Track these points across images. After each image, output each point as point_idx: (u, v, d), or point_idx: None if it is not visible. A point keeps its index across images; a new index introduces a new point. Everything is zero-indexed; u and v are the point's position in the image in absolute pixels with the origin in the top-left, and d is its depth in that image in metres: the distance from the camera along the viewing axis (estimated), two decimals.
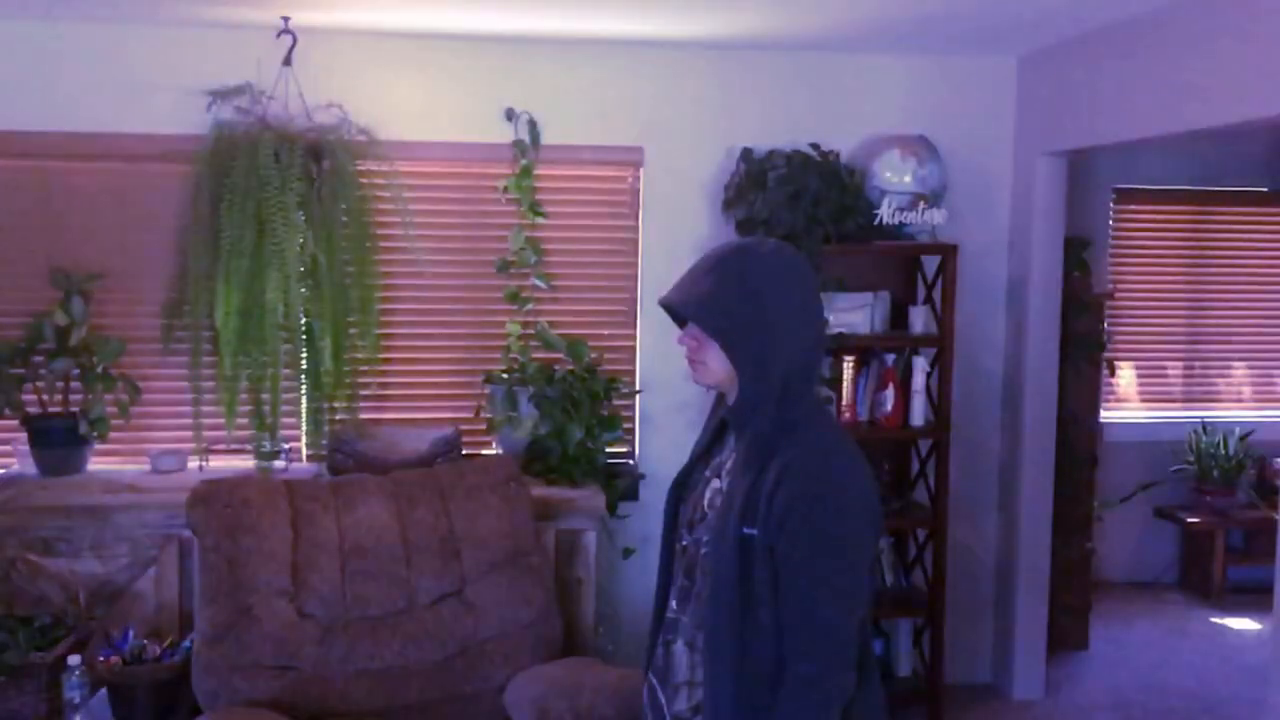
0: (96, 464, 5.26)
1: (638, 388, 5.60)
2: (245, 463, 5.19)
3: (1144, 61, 4.83)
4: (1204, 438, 7.59)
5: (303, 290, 4.96)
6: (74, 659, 4.03)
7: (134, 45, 5.20)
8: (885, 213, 5.32)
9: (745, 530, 2.46)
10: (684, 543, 2.72)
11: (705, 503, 2.68)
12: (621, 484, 5.46)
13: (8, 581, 4.53)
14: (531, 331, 5.51)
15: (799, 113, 5.66)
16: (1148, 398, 7.85)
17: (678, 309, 2.61)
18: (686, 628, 2.67)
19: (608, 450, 5.38)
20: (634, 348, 5.66)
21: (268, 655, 4.09)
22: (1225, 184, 7.64)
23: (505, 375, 5.33)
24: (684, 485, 2.79)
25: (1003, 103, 5.87)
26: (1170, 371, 7.86)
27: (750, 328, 2.51)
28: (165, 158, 5.15)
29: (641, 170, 5.63)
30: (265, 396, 5.01)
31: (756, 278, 2.53)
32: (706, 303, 2.54)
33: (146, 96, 5.19)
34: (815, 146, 5.47)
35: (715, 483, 2.67)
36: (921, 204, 5.35)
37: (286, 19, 4.96)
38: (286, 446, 5.27)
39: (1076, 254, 6.28)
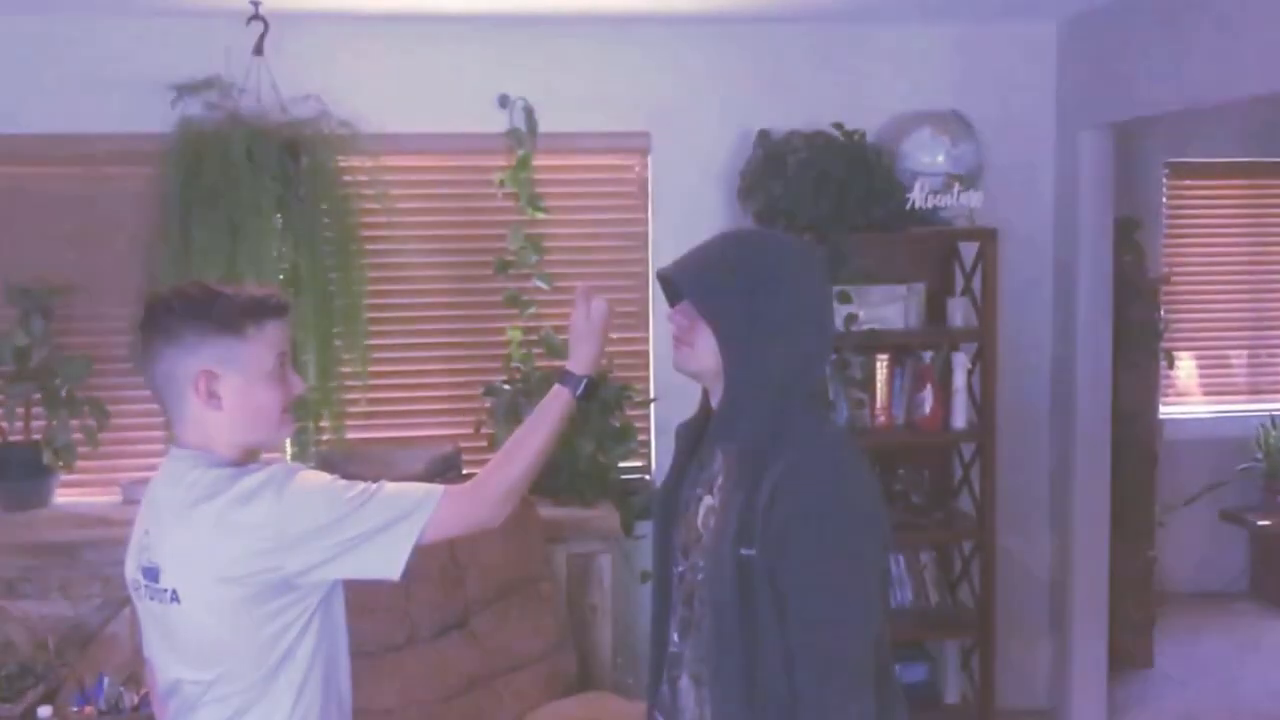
0: (63, 496, 5.26)
1: (652, 396, 5.62)
2: None
3: (1196, 23, 4.80)
4: (1274, 432, 7.55)
5: None
6: (44, 710, 4.02)
7: (90, 38, 5.20)
8: (917, 197, 5.30)
9: (742, 552, 2.42)
10: (680, 569, 2.70)
11: (699, 522, 2.64)
12: (637, 502, 5.42)
13: None
14: (534, 338, 5.48)
15: (820, 90, 5.64)
16: (1210, 390, 7.83)
17: (674, 282, 2.60)
18: (690, 661, 2.65)
19: (621, 465, 5.37)
20: (647, 352, 5.68)
21: None
22: None
23: (507, 386, 5.33)
24: (671, 503, 2.76)
25: (1042, 72, 5.85)
26: (1234, 360, 7.83)
27: (750, 317, 2.49)
28: (129, 159, 5.15)
29: (648, 158, 5.62)
30: None
31: (766, 266, 2.52)
32: (706, 280, 2.53)
33: (105, 94, 5.18)
34: (839, 127, 5.44)
35: (708, 499, 2.64)
36: (956, 186, 5.33)
37: (257, 4, 4.94)
38: None
39: (1128, 235, 6.27)
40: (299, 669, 2.56)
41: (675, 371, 2.67)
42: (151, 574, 2.55)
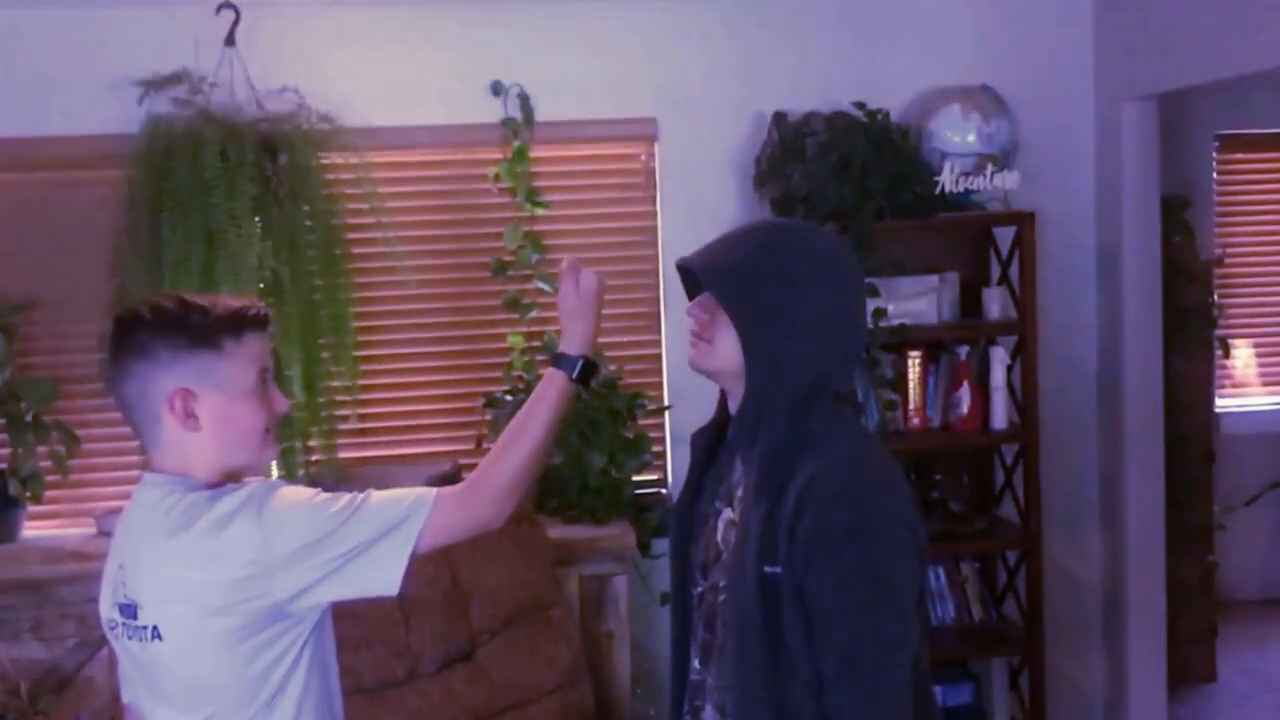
0: (32, 529, 5.24)
1: (667, 403, 5.58)
2: None
3: None
4: None
5: None
6: None
7: (44, 32, 5.16)
8: (947, 179, 5.27)
9: (766, 569, 2.41)
10: (699, 589, 2.69)
11: (719, 538, 2.63)
12: (653, 518, 5.41)
13: None
14: (537, 344, 5.47)
15: (839, 67, 5.60)
16: (1269, 380, 7.80)
17: (696, 273, 2.59)
18: (714, 690, 2.64)
19: (635, 479, 5.37)
20: (659, 355, 5.64)
21: None
22: None
23: (509, 397, 5.30)
24: (689, 518, 2.76)
25: (1079, 40, 5.81)
26: None
27: (776, 314, 2.49)
28: (92, 163, 5.13)
29: (656, 145, 5.58)
30: None
31: (797, 259, 2.53)
32: (731, 272, 2.52)
33: (64, 92, 5.15)
34: (860, 106, 5.40)
35: (728, 513, 2.63)
36: (989, 166, 5.30)
37: None
38: None
39: (1176, 215, 6.25)
40: (290, 706, 2.55)
41: (692, 373, 2.66)
42: (129, 611, 2.52)
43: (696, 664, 2.69)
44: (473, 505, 2.60)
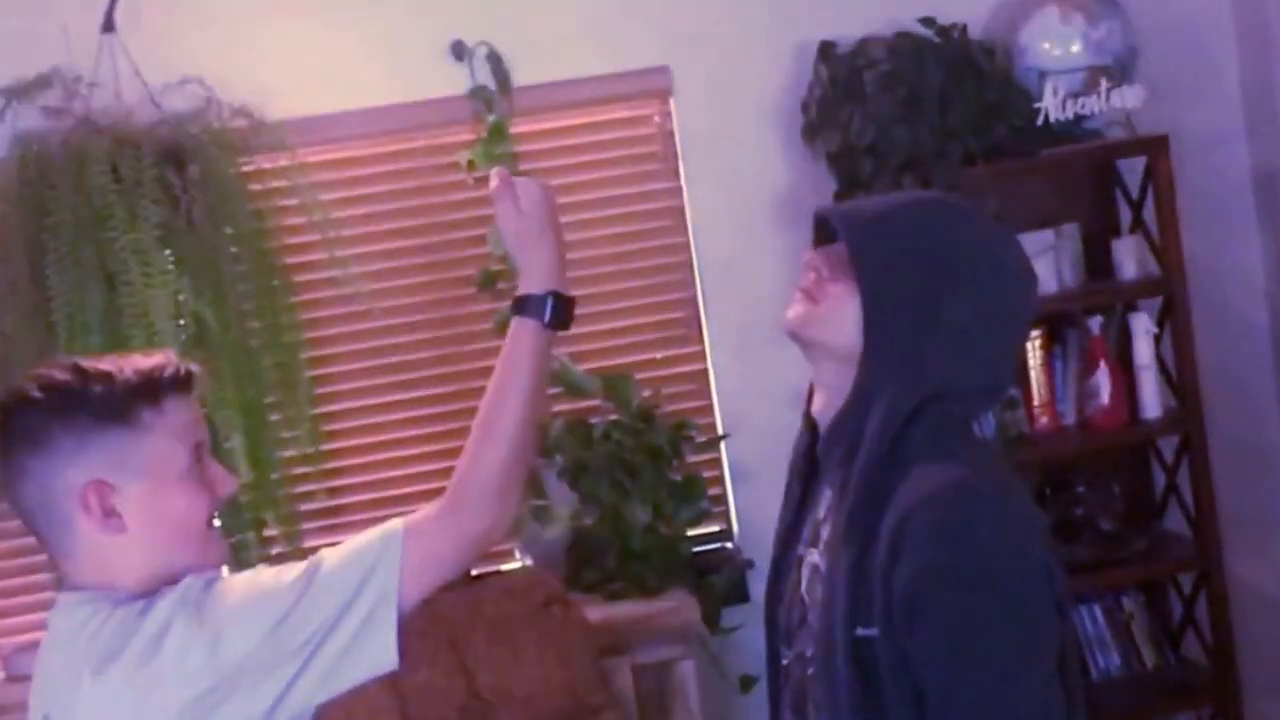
0: None
1: (721, 430, 5.49)
2: None
3: None
4: None
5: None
6: None
7: None
8: (1051, 105, 5.22)
9: (860, 632, 2.37)
10: (785, 661, 2.67)
11: (804, 592, 2.61)
12: (721, 580, 5.41)
13: None
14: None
15: None
16: None
17: (833, 221, 2.55)
18: None
19: (691, 534, 5.37)
20: (706, 371, 5.59)
21: None
22: None
23: None
24: (782, 569, 2.74)
25: None
26: None
27: (918, 303, 2.46)
28: None
29: (672, 102, 5.57)
30: None
31: (963, 251, 2.50)
32: (878, 233, 2.49)
33: None
34: (929, 23, 5.37)
35: (813, 557, 2.59)
36: (1103, 82, 5.25)
37: None
38: None
39: None
40: None
41: (751, 391, 2.54)
42: None
43: None
44: (457, 522, 2.49)
